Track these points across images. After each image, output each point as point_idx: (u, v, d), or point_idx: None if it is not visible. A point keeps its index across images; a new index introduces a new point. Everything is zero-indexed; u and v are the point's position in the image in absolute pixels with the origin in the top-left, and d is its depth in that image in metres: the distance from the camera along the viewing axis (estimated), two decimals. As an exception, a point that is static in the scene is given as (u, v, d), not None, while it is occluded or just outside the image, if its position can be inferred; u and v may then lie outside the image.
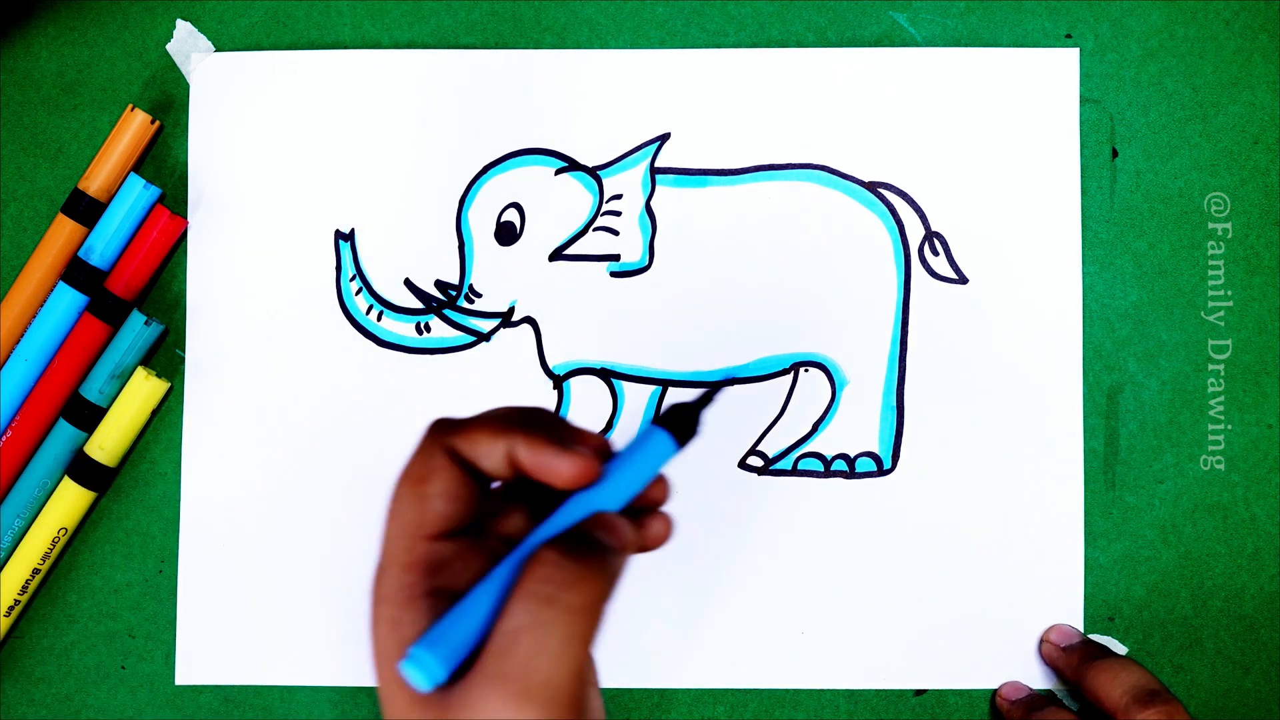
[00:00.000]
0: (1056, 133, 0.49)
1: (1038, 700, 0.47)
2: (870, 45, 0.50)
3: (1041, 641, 0.48)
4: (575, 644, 0.33)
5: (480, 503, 0.36)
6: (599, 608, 0.34)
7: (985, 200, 0.49)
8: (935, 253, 0.49)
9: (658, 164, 0.49)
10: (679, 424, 0.37)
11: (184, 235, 0.50)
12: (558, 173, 0.49)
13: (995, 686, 0.48)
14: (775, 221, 0.49)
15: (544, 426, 0.36)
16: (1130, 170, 0.49)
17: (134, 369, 0.48)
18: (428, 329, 0.49)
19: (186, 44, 0.50)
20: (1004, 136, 0.49)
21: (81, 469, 0.48)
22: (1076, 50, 0.49)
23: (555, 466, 0.35)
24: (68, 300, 0.48)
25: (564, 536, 0.34)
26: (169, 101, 0.50)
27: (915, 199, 0.49)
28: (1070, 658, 0.47)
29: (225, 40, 0.50)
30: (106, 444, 0.48)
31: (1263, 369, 0.49)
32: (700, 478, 0.49)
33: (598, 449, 0.36)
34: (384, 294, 0.49)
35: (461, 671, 0.34)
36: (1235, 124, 0.49)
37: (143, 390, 0.48)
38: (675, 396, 0.49)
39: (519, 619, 0.33)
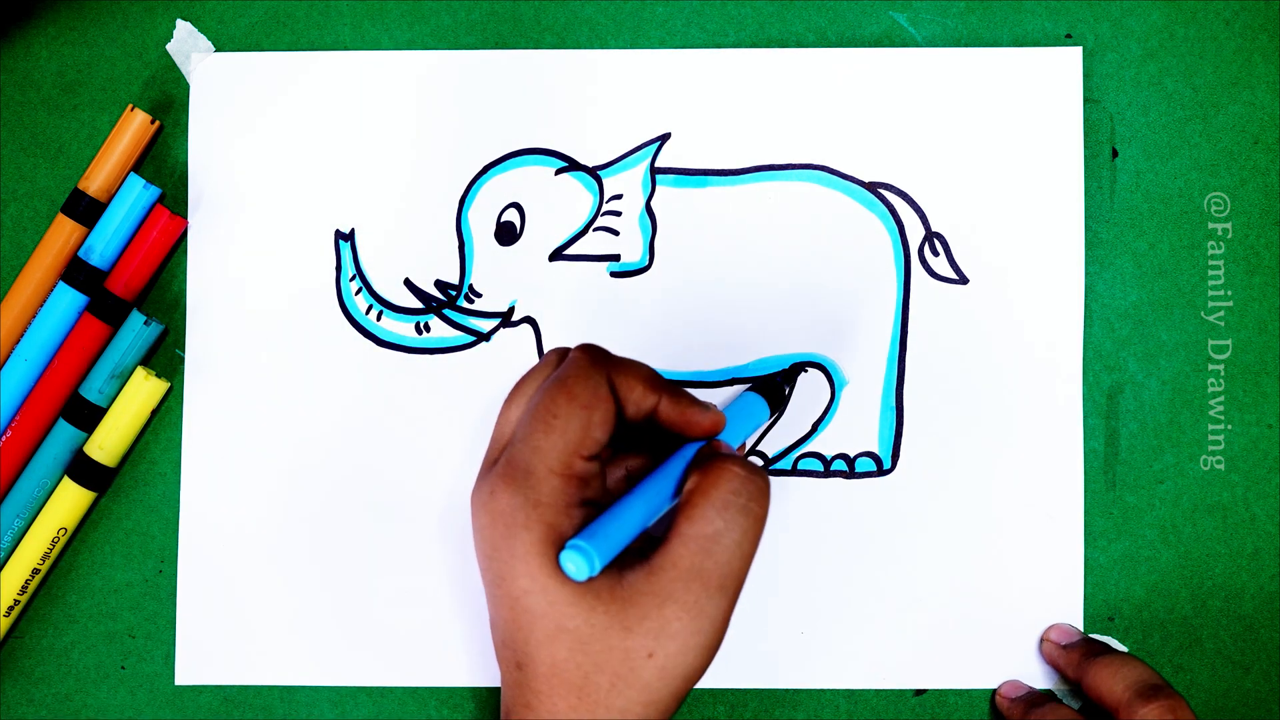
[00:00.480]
0: (1058, 133, 0.49)
1: (1037, 698, 0.47)
2: (870, 45, 0.50)
3: (1042, 640, 0.48)
4: (757, 545, 0.40)
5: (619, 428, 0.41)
6: (766, 519, 0.40)
7: (985, 200, 0.49)
8: (935, 253, 0.49)
9: (658, 164, 0.49)
10: (770, 393, 0.46)
11: (184, 235, 0.50)
12: (558, 173, 0.49)
13: (995, 686, 0.48)
14: (775, 221, 0.49)
15: (678, 392, 0.42)
16: (1130, 170, 0.49)
17: (134, 369, 0.48)
18: (427, 329, 0.49)
19: (186, 44, 0.50)
20: (1005, 137, 0.49)
21: (81, 469, 0.48)
22: (1079, 50, 0.49)
23: (699, 419, 0.41)
24: (68, 300, 0.48)
25: (736, 458, 0.40)
26: (169, 101, 0.50)
27: (915, 199, 0.49)
28: (1071, 655, 0.47)
29: (225, 40, 0.50)
30: (106, 444, 0.48)
31: (1263, 369, 0.49)
32: (700, 478, 0.49)
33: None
34: (384, 294, 0.49)
35: (614, 568, 0.39)
36: (1235, 124, 0.49)
37: (142, 390, 0.48)
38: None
39: (714, 524, 0.39)
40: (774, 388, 0.47)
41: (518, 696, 0.39)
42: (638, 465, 0.43)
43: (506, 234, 0.49)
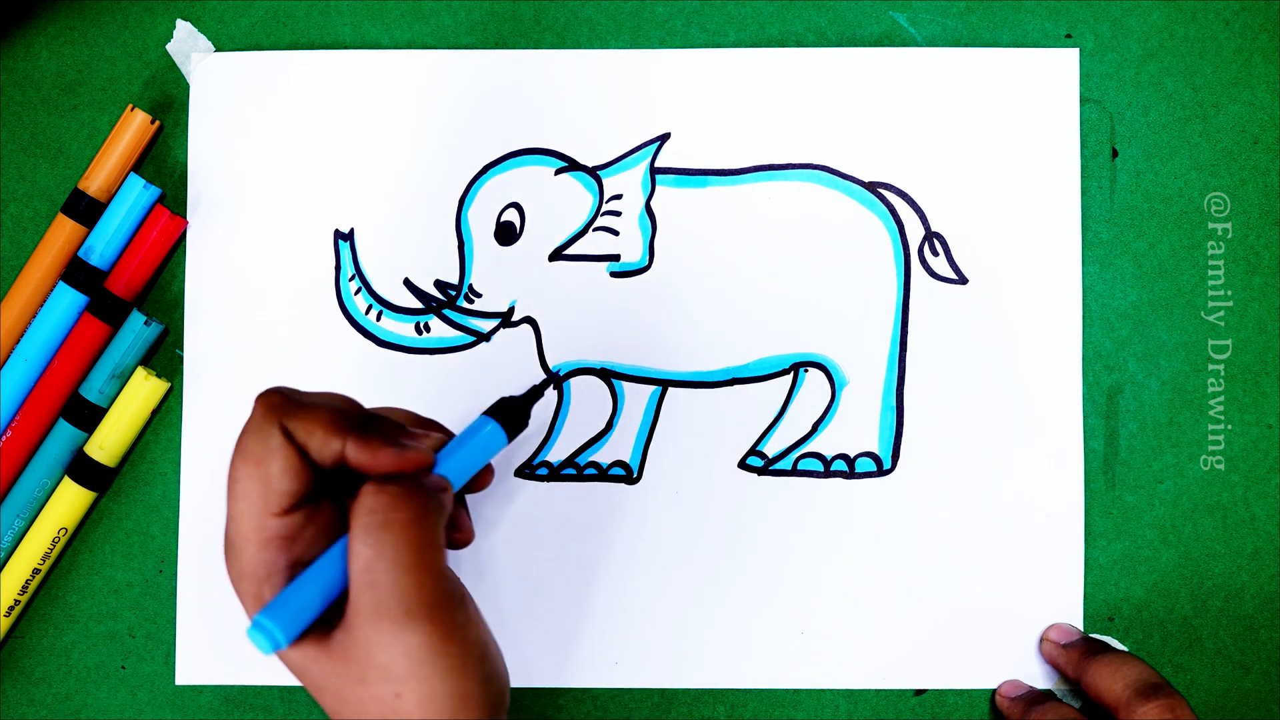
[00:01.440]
0: (1056, 133, 0.49)
1: (1037, 697, 0.47)
2: (870, 45, 0.50)
3: (1041, 640, 0.48)
4: (424, 552, 0.36)
5: (317, 471, 0.38)
6: (429, 520, 0.37)
7: (985, 200, 0.49)
8: (935, 253, 0.49)
9: (658, 164, 0.49)
10: (509, 417, 0.41)
11: (184, 235, 0.50)
12: (558, 173, 0.49)
13: (995, 686, 0.48)
14: (775, 221, 0.49)
15: (375, 427, 0.38)
16: (1130, 170, 0.49)
17: (134, 369, 0.48)
18: (427, 329, 0.49)
19: (186, 44, 0.50)
20: (1004, 136, 0.49)
21: (81, 469, 0.48)
22: (1076, 50, 0.49)
23: (389, 460, 0.37)
24: (68, 300, 0.48)
25: (371, 482, 0.37)
26: (169, 101, 0.50)
27: (915, 199, 0.49)
28: (1070, 654, 0.47)
29: (225, 40, 0.50)
30: (106, 444, 0.48)
31: (1263, 369, 0.49)
32: (700, 478, 0.49)
33: (433, 445, 0.39)
34: (383, 294, 0.49)
35: (327, 621, 0.37)
36: (1235, 124, 0.49)
37: (142, 390, 0.48)
38: (675, 396, 0.49)
39: (365, 551, 0.36)
40: (512, 410, 0.42)
41: None
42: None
43: (506, 234, 0.49)
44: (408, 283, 0.49)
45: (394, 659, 0.36)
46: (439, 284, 0.49)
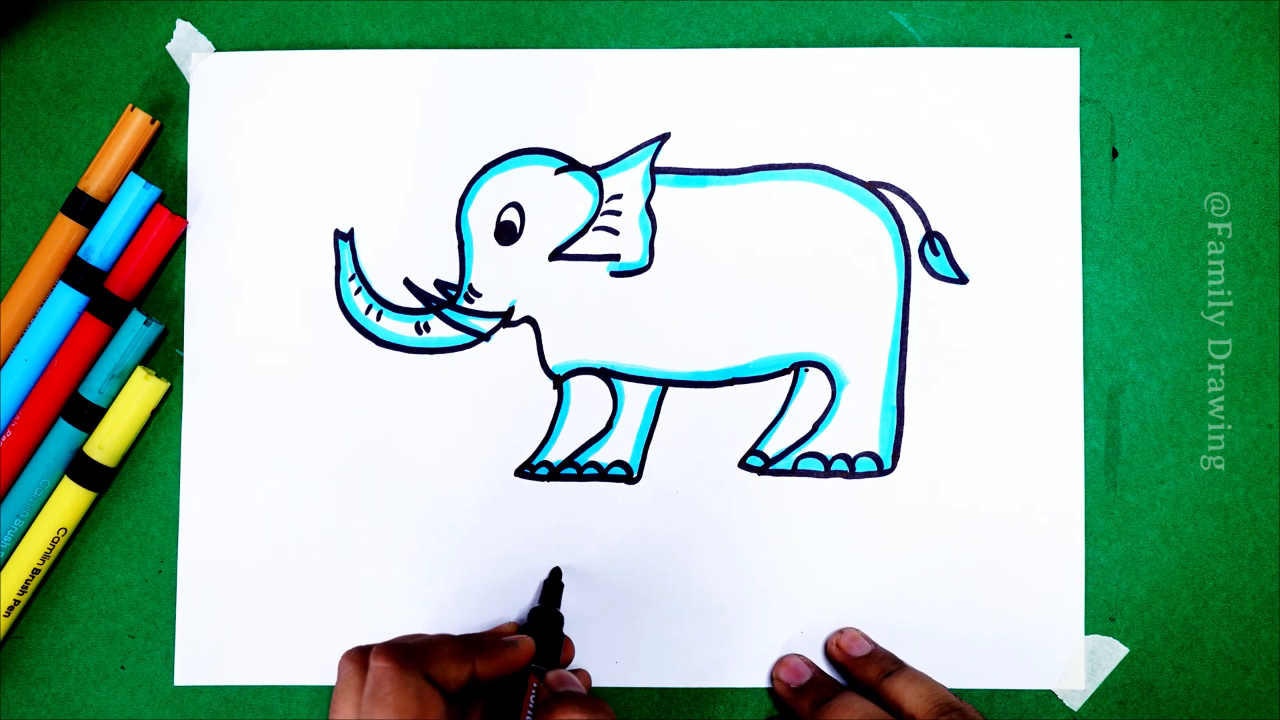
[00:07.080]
0: (1056, 133, 0.49)
1: (822, 689, 0.46)
2: (870, 45, 0.50)
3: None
4: None
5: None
6: None
7: (985, 200, 0.49)
8: (935, 252, 0.49)
9: (658, 164, 0.49)
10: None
11: (183, 235, 0.50)
12: (558, 172, 0.49)
13: (997, 686, 0.48)
14: (775, 221, 0.49)
15: (483, 643, 0.43)
16: (1130, 170, 0.49)
17: (134, 369, 0.48)
18: (427, 329, 0.49)
19: (186, 44, 0.50)
20: (1004, 136, 0.49)
21: (81, 469, 0.48)
22: (1076, 50, 0.49)
23: (515, 659, 0.43)
24: (67, 300, 0.48)
25: (571, 699, 0.41)
26: (169, 101, 0.50)
27: (915, 199, 0.49)
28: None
29: (225, 40, 0.50)
30: (106, 444, 0.48)
31: (1263, 369, 0.49)
32: (700, 478, 0.49)
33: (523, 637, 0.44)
34: (383, 294, 0.49)
35: None
36: (1235, 124, 0.49)
37: (142, 390, 0.48)
38: (675, 396, 0.49)
39: None
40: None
41: None
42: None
43: (506, 234, 0.49)
44: (408, 282, 0.49)
45: None
46: (439, 284, 0.49)
